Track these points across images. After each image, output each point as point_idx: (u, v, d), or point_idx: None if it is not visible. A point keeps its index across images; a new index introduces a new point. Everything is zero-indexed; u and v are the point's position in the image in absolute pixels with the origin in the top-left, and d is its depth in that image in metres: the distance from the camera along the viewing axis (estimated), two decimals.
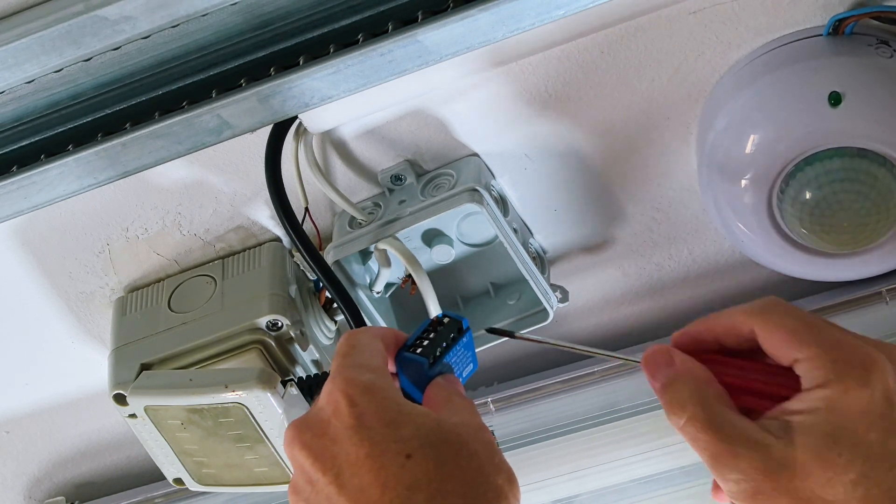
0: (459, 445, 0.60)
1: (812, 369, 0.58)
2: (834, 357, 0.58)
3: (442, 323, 0.66)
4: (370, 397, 0.61)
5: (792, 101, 0.82)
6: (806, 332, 0.59)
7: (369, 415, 0.60)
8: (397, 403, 0.61)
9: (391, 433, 0.60)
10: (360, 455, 0.59)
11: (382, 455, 0.59)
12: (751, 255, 0.90)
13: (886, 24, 0.83)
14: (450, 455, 0.59)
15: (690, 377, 0.60)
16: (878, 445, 0.57)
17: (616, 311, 1.01)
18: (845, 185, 0.82)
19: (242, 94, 0.81)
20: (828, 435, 0.56)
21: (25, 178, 0.85)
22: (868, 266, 0.89)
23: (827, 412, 0.57)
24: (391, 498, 0.58)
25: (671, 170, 0.91)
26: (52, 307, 0.98)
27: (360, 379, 0.62)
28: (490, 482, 0.59)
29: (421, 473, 0.58)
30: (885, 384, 0.58)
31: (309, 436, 0.61)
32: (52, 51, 0.79)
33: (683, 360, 0.61)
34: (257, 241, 0.95)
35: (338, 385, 0.62)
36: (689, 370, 0.60)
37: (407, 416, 0.61)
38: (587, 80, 0.86)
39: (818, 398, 0.57)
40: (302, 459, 0.61)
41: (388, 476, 0.58)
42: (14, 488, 1.12)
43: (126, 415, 0.89)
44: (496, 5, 0.76)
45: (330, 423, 0.61)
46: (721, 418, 0.58)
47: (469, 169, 0.89)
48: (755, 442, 0.57)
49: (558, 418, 0.98)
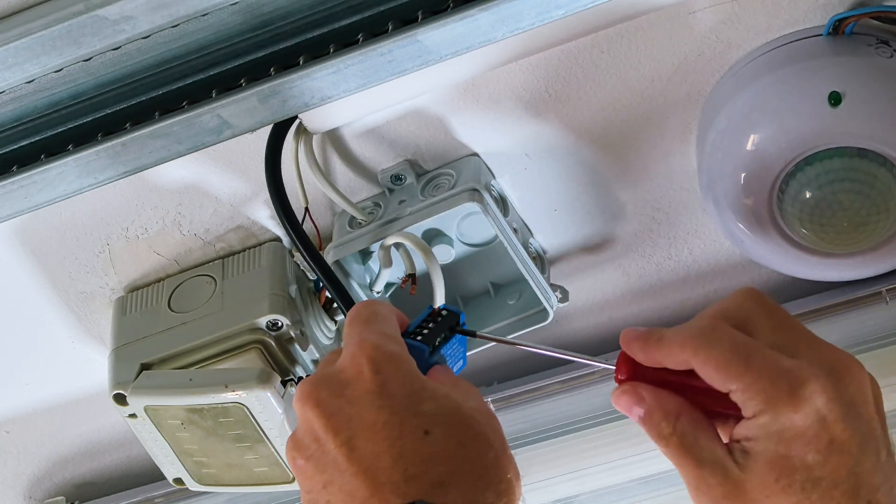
0: (478, 432, 0.59)
1: (745, 400, 0.59)
2: (763, 386, 0.59)
3: (441, 315, 0.66)
4: (395, 367, 0.60)
5: (792, 101, 0.82)
6: (735, 364, 0.60)
7: (393, 384, 0.60)
8: (420, 379, 0.61)
9: (413, 406, 0.59)
10: (378, 421, 0.58)
11: (402, 425, 0.58)
12: (751, 255, 0.90)
13: (886, 24, 0.83)
14: (468, 438, 0.59)
15: (661, 411, 0.62)
16: (818, 467, 0.58)
17: (616, 311, 1.01)
18: (845, 185, 0.82)
19: (242, 94, 0.81)
20: (769, 462, 0.58)
21: (25, 178, 0.85)
22: (868, 266, 0.89)
23: (766, 440, 0.59)
24: (405, 467, 0.57)
25: (671, 170, 0.91)
26: (52, 307, 0.98)
27: (387, 347, 0.61)
28: (503, 473, 0.59)
29: (440, 450, 0.58)
30: (814, 405, 0.59)
31: (325, 394, 0.60)
32: (52, 51, 0.79)
33: (650, 395, 0.62)
34: (257, 241, 0.95)
35: (364, 349, 0.61)
36: (658, 404, 0.62)
37: (430, 392, 0.60)
38: (587, 80, 0.86)
39: (756, 426, 0.59)
40: (313, 416, 0.60)
41: (405, 447, 0.57)
42: (14, 488, 1.12)
43: (126, 415, 0.89)
44: (496, 5, 0.76)
45: (349, 385, 0.60)
46: (694, 445, 0.60)
47: (469, 169, 0.89)
48: (720, 466, 0.59)
49: (558, 418, 0.98)
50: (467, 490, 0.57)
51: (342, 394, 0.60)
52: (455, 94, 0.86)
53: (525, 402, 1.00)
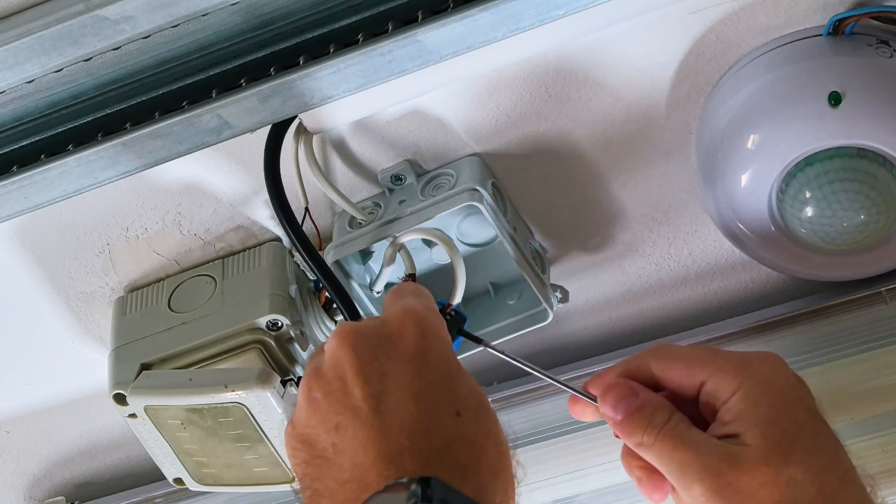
0: (500, 429, 0.60)
1: (722, 380, 0.62)
2: (737, 364, 0.62)
3: (450, 314, 0.69)
4: (438, 342, 0.60)
5: (792, 101, 0.82)
6: (701, 355, 0.64)
7: (434, 355, 0.59)
8: (457, 361, 0.61)
9: (449, 384, 0.59)
10: (414, 386, 0.57)
11: (437, 399, 0.58)
12: (751, 255, 0.90)
13: (886, 24, 0.83)
14: (493, 432, 0.59)
15: (657, 403, 0.64)
16: (810, 425, 0.61)
17: (616, 311, 1.01)
18: (845, 185, 0.82)
19: (242, 94, 0.81)
20: (766, 422, 0.60)
21: (25, 178, 0.85)
22: (868, 266, 0.89)
23: (754, 407, 0.61)
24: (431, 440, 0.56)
25: (671, 170, 0.91)
26: (52, 307, 0.98)
27: (433, 320, 0.61)
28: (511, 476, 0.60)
29: (467, 434, 0.57)
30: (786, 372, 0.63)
31: (364, 340, 0.59)
32: (52, 51, 0.79)
33: (644, 391, 0.65)
34: (257, 241, 0.95)
35: (414, 313, 0.60)
36: (653, 398, 0.64)
37: (464, 376, 0.60)
38: (587, 80, 0.86)
39: (740, 399, 0.61)
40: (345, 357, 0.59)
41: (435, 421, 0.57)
42: (14, 488, 1.12)
43: (126, 415, 0.89)
44: (496, 5, 0.76)
45: (390, 341, 0.59)
46: (687, 433, 0.62)
47: (469, 169, 0.89)
48: (718, 446, 0.61)
49: (558, 418, 0.98)
50: (482, 482, 0.57)
51: (381, 345, 0.59)
52: (455, 93, 0.86)
53: (525, 402, 1.00)
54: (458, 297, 0.82)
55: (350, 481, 0.56)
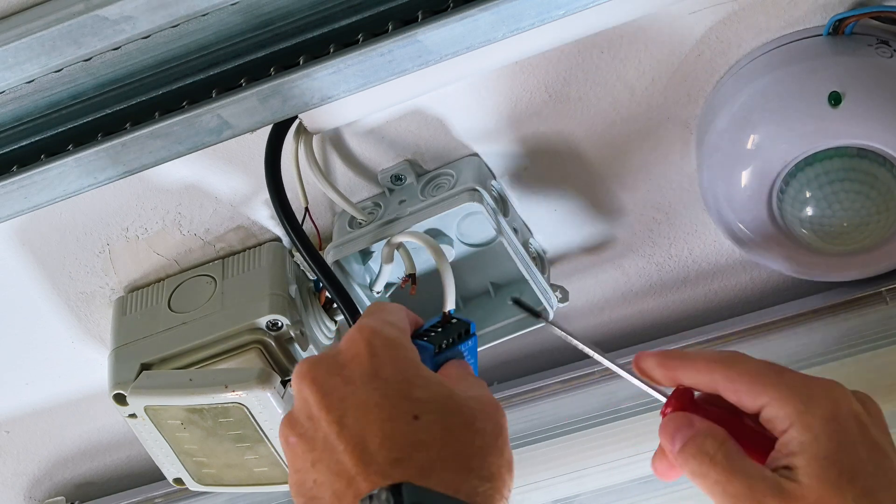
0: (469, 421, 0.60)
1: (783, 407, 0.61)
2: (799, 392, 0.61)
3: (450, 321, 0.68)
4: (392, 352, 0.61)
5: (792, 101, 0.82)
6: (767, 374, 0.62)
7: (387, 368, 0.61)
8: (416, 365, 0.62)
9: (405, 391, 0.60)
10: (370, 402, 0.59)
11: (392, 408, 0.59)
12: (751, 255, 0.90)
13: (886, 24, 0.83)
14: (457, 426, 0.60)
15: (712, 433, 0.62)
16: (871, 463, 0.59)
17: (616, 311, 1.01)
18: (845, 185, 0.82)
19: (242, 94, 0.81)
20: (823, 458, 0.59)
21: (25, 178, 0.85)
22: (868, 266, 0.89)
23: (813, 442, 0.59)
24: (390, 449, 0.58)
25: (671, 170, 0.91)
26: (52, 307, 0.98)
27: (386, 332, 0.63)
28: (491, 464, 0.60)
29: (427, 436, 0.58)
30: (849, 405, 0.61)
31: (322, 373, 0.61)
32: (52, 51, 0.79)
33: (701, 421, 0.63)
34: (257, 241, 0.95)
35: (363, 333, 0.62)
36: (709, 428, 0.63)
37: (423, 379, 0.61)
38: (587, 80, 0.86)
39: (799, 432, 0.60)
40: (308, 394, 0.61)
41: (394, 430, 0.58)
42: (14, 488, 1.12)
43: (126, 415, 0.89)
44: (496, 5, 0.76)
45: (346, 367, 0.61)
46: (741, 463, 0.61)
47: (469, 169, 0.89)
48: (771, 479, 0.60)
49: (558, 418, 0.98)
50: (451, 475, 0.58)
51: (339, 374, 0.61)
52: (455, 93, 0.86)
53: (525, 402, 1.00)
54: (450, 303, 0.81)
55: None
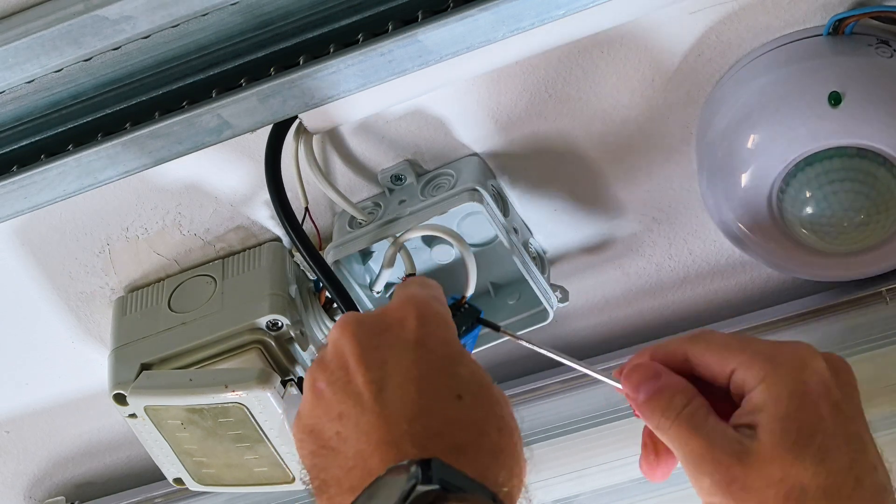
0: (504, 411, 0.60)
1: (749, 369, 0.61)
2: (766, 355, 0.61)
3: (463, 307, 0.71)
4: (439, 326, 0.61)
5: (792, 101, 0.82)
6: (735, 343, 0.63)
7: (434, 340, 0.60)
8: (459, 344, 0.62)
9: (450, 367, 0.59)
10: (413, 372, 0.58)
11: (437, 382, 0.58)
12: (751, 255, 0.90)
13: (886, 24, 0.83)
14: (495, 414, 0.59)
15: (678, 388, 0.63)
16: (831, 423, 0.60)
17: (616, 311, 1.01)
18: (845, 185, 0.82)
19: (242, 94, 0.81)
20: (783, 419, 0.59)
21: (25, 178, 0.85)
22: (868, 266, 0.89)
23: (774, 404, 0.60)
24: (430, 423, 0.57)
25: (671, 170, 0.91)
26: (52, 307, 0.98)
27: (436, 306, 0.62)
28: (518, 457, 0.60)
29: (467, 416, 0.58)
30: (816, 367, 0.61)
31: (365, 329, 0.60)
32: (52, 50, 0.79)
33: (668, 374, 0.64)
34: (257, 241, 0.95)
35: (414, 301, 0.62)
36: (676, 382, 0.63)
37: (467, 359, 0.61)
38: (587, 80, 0.86)
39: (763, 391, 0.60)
40: (347, 345, 0.60)
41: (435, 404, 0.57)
42: (14, 488, 1.12)
43: (126, 415, 0.89)
44: (496, 5, 0.76)
45: (391, 330, 0.60)
46: (704, 422, 0.61)
47: (469, 169, 0.89)
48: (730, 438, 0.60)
49: (558, 418, 0.98)
50: (482, 462, 0.57)
51: (382, 334, 0.60)
52: (455, 93, 0.86)
53: (525, 402, 1.00)
54: (472, 288, 0.82)
55: (354, 468, 0.57)
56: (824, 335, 0.93)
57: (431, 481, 0.53)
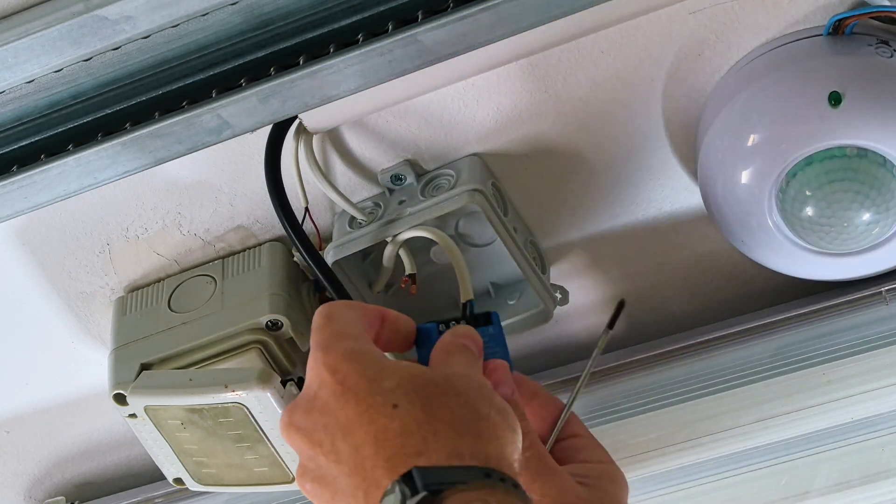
0: (445, 387, 0.61)
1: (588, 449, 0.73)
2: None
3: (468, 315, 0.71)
4: (351, 361, 0.62)
5: (792, 101, 0.82)
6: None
7: (352, 377, 0.61)
8: (378, 361, 0.62)
9: (375, 387, 0.60)
10: (350, 416, 0.60)
11: (370, 409, 0.59)
12: (751, 255, 0.90)
13: (886, 24, 0.83)
14: (434, 396, 0.60)
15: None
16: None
17: None
18: (845, 185, 0.82)
19: (242, 94, 0.81)
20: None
21: (25, 178, 0.85)
22: (868, 266, 0.89)
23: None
24: (385, 449, 0.58)
25: (671, 170, 0.91)
26: (52, 307, 0.98)
27: (339, 347, 0.63)
28: (479, 414, 0.60)
29: (410, 419, 0.59)
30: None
31: (300, 415, 0.62)
32: (52, 50, 0.79)
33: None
34: (257, 241, 0.95)
35: (318, 359, 0.63)
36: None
37: (390, 369, 0.61)
38: (587, 80, 0.86)
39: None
40: (299, 441, 0.62)
41: (379, 429, 0.59)
42: (14, 488, 1.12)
43: (126, 415, 0.89)
44: (496, 5, 0.76)
45: (317, 397, 0.62)
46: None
47: (469, 169, 0.89)
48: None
49: None
50: (445, 446, 0.58)
51: (314, 407, 0.62)
52: (455, 93, 0.86)
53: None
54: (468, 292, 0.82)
55: None
56: (824, 335, 0.93)
57: (418, 490, 0.55)
